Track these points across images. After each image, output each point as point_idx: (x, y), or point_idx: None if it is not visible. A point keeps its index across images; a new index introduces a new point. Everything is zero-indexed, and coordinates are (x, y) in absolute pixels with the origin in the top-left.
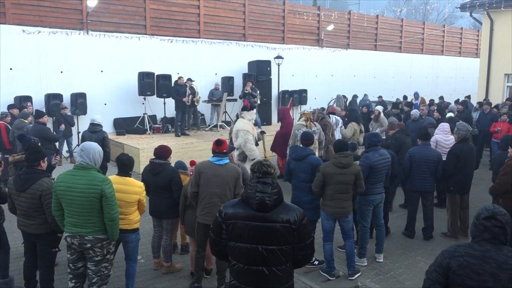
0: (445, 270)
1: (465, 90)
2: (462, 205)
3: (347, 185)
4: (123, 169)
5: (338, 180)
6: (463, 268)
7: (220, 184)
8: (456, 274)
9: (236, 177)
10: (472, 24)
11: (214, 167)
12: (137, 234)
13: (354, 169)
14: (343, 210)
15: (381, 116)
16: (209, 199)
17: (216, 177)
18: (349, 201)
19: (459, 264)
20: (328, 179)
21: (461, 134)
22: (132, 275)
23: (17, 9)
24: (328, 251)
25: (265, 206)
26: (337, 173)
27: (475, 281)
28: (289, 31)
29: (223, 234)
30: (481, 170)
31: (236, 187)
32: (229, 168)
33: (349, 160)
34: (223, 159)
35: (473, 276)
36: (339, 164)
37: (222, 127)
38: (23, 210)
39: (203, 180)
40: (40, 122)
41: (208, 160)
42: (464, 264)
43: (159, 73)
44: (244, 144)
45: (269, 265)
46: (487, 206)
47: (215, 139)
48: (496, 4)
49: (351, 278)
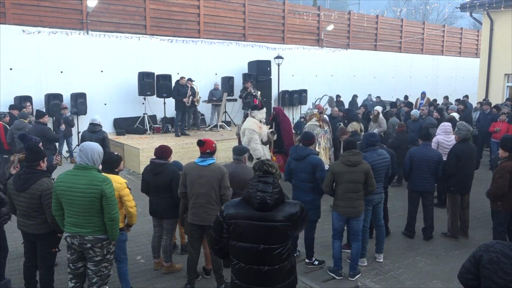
0: (477, 261)
1: (465, 90)
2: (463, 205)
3: (357, 184)
4: (106, 167)
5: (348, 179)
6: (492, 263)
7: (204, 185)
8: (485, 268)
9: (220, 178)
10: (472, 24)
11: (198, 168)
12: (121, 235)
13: (364, 167)
14: (354, 209)
15: (380, 116)
16: (195, 199)
17: (200, 178)
18: (360, 200)
19: (490, 258)
20: (338, 178)
21: (461, 134)
22: (123, 275)
23: (17, 9)
24: (336, 248)
25: (266, 205)
26: (346, 171)
27: (501, 279)
28: (289, 31)
29: (223, 233)
30: (481, 170)
31: (221, 187)
32: (213, 169)
33: (358, 158)
34: (207, 160)
35: (500, 273)
36: (347, 162)
37: (222, 127)
38: (23, 210)
39: (189, 181)
40: (41, 122)
41: (193, 161)
42: (495, 260)
43: (159, 73)
44: (248, 142)
45: (270, 264)
46: None
47: (197, 140)
48: (496, 4)
49: (351, 279)
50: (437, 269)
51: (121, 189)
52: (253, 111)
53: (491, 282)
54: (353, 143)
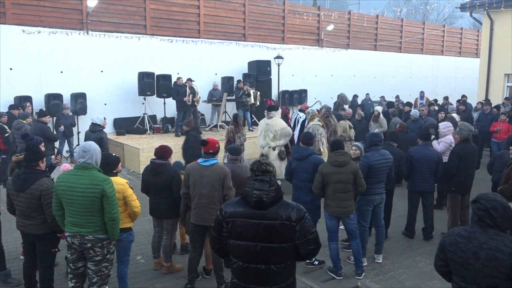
0: (442, 247)
1: (465, 90)
2: (463, 205)
3: (346, 184)
4: (105, 169)
5: (336, 179)
6: (452, 245)
7: (207, 185)
8: (448, 251)
9: (223, 178)
10: (472, 24)
11: (201, 168)
12: (129, 234)
13: (351, 168)
14: (344, 209)
15: (380, 116)
16: (198, 200)
17: (202, 178)
18: (350, 201)
19: (450, 241)
20: (326, 179)
21: (463, 134)
22: (122, 277)
23: (17, 9)
24: (333, 250)
25: (263, 203)
26: (334, 172)
27: (460, 258)
28: (289, 31)
29: (223, 232)
30: (481, 170)
31: (224, 188)
32: (215, 169)
33: (345, 158)
34: (209, 160)
35: (459, 253)
36: (335, 163)
37: (222, 127)
38: (22, 211)
39: (192, 182)
40: (41, 121)
41: (196, 161)
42: (453, 242)
43: (159, 73)
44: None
45: (268, 263)
46: (482, 193)
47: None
48: (496, 4)
49: (358, 278)
50: None
51: (124, 190)
52: (271, 111)
53: (454, 263)
54: (340, 143)
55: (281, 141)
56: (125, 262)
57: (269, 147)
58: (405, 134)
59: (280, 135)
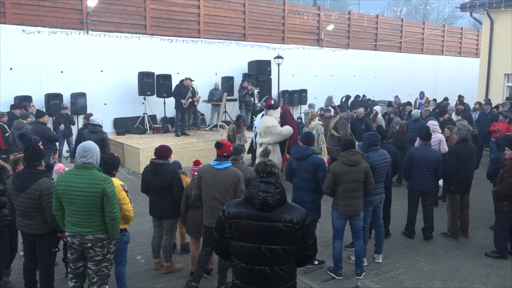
0: None
1: (465, 90)
2: (462, 205)
3: (358, 183)
4: (106, 168)
5: (349, 179)
6: None
7: (219, 189)
8: None
9: (236, 182)
10: (472, 24)
11: (214, 171)
12: (123, 235)
13: (363, 167)
14: (354, 208)
15: (378, 116)
16: (210, 203)
17: (215, 181)
18: (360, 199)
19: None
20: (339, 178)
21: (461, 134)
22: (119, 278)
23: (17, 9)
24: (337, 249)
25: (268, 205)
26: (347, 171)
27: None
28: (289, 31)
29: (225, 233)
30: (481, 170)
31: (236, 191)
32: (228, 173)
33: (358, 157)
34: (223, 163)
35: None
36: (348, 162)
37: (222, 127)
38: (22, 210)
39: (204, 184)
40: (40, 122)
41: (209, 163)
42: None
43: (159, 73)
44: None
45: (271, 264)
46: None
47: (216, 142)
48: (496, 4)
49: (358, 278)
50: (437, 269)
51: (117, 192)
52: (269, 110)
53: None
54: (352, 142)
55: (266, 139)
56: (121, 262)
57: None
58: (405, 134)
59: (265, 133)
